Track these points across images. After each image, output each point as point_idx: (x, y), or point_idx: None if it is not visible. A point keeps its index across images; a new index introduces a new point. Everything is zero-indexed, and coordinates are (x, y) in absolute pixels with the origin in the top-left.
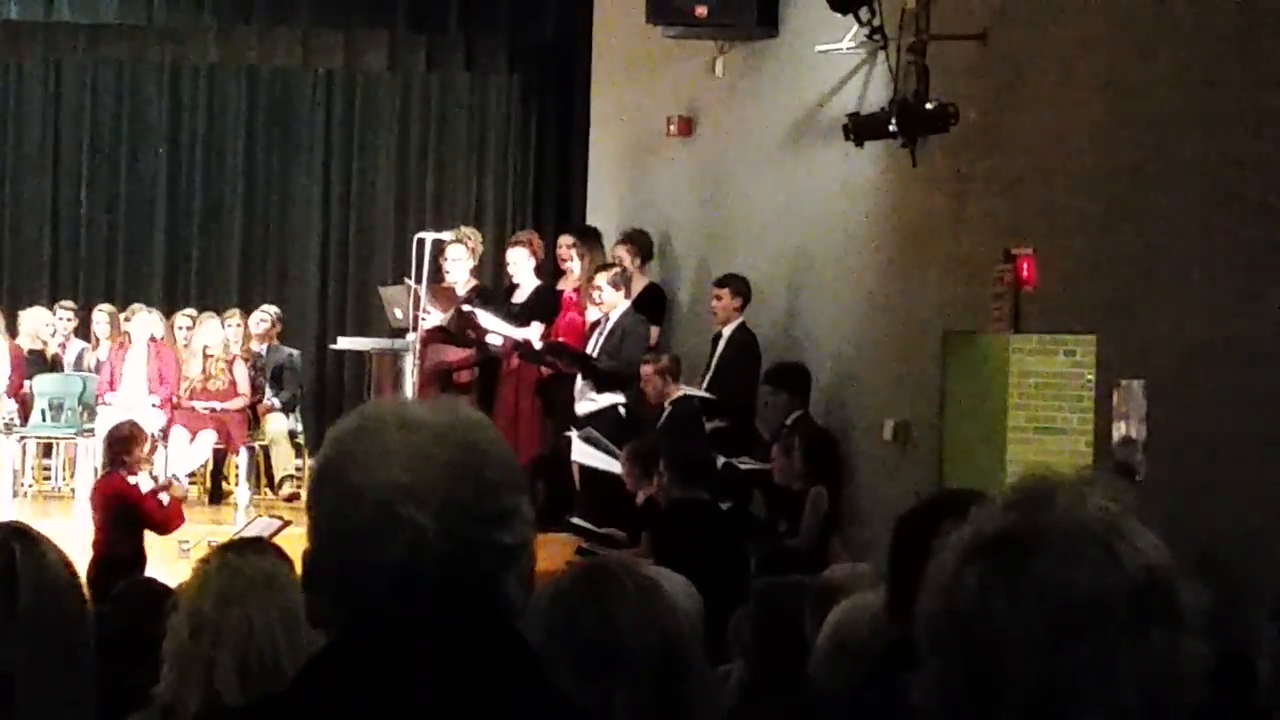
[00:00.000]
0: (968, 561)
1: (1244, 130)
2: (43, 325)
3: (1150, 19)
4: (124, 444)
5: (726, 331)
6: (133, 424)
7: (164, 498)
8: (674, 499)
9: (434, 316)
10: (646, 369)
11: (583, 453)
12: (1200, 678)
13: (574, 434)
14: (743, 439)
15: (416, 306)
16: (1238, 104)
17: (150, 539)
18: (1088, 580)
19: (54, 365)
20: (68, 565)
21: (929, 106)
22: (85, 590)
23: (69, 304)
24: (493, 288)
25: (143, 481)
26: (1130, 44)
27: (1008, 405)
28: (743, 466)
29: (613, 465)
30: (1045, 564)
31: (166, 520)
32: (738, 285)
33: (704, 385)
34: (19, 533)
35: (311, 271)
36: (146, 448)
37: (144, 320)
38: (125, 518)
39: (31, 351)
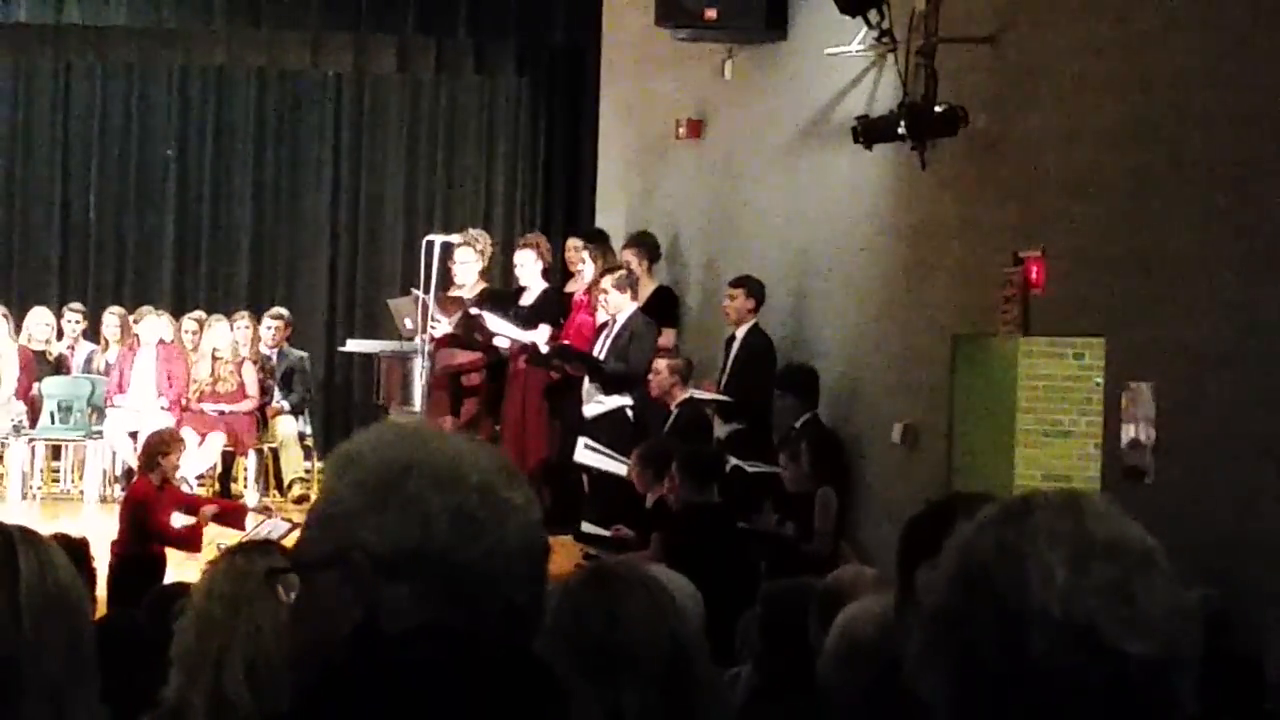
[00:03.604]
0: (977, 534)
1: (1253, 132)
2: (42, 325)
3: (1158, 20)
4: (161, 447)
5: (740, 333)
6: (173, 431)
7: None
8: (685, 502)
9: (443, 325)
10: (661, 364)
11: (586, 455)
12: (1200, 626)
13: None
14: (759, 441)
15: (425, 316)
16: (1246, 105)
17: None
18: (1094, 529)
19: (58, 366)
20: (67, 567)
21: (938, 109)
22: (99, 591)
23: (78, 306)
24: (502, 290)
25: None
26: (1138, 46)
27: (1016, 408)
28: (750, 469)
29: (616, 468)
30: (1052, 517)
31: (174, 539)
32: (752, 286)
33: (720, 387)
34: (21, 534)
35: (320, 274)
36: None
37: (153, 323)
38: (143, 521)
39: (34, 353)
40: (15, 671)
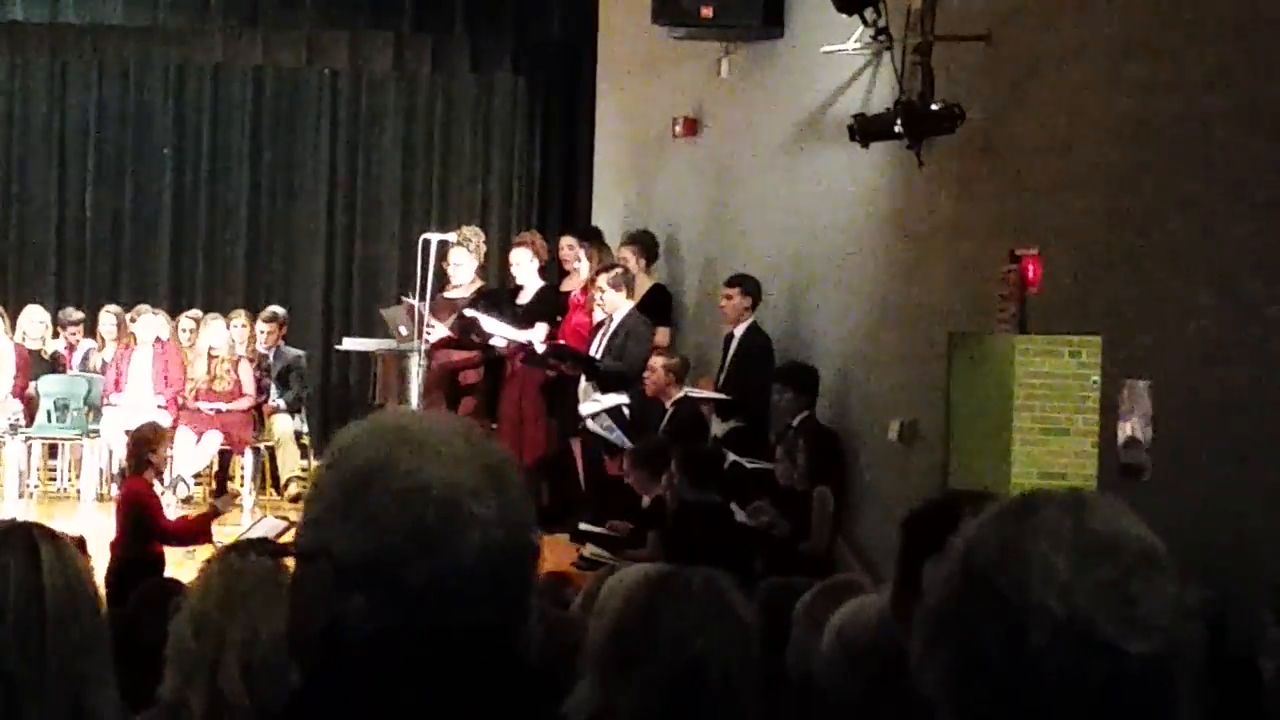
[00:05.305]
0: (980, 532)
1: (1250, 130)
2: (37, 324)
3: (1155, 19)
4: (146, 444)
5: (738, 332)
6: (153, 425)
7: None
8: (685, 500)
9: (439, 330)
10: (656, 362)
11: (590, 410)
12: (1201, 626)
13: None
14: (756, 440)
15: (420, 322)
16: (1243, 104)
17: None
18: (1097, 527)
19: (54, 365)
20: (81, 561)
21: (934, 107)
22: (101, 591)
23: (77, 317)
24: (498, 289)
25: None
26: (1135, 44)
27: (1013, 406)
28: (748, 465)
29: (618, 438)
30: (1055, 515)
31: (178, 534)
32: (748, 285)
33: (718, 386)
34: (40, 530)
35: (317, 272)
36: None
37: (150, 321)
38: (143, 521)
39: (30, 351)
40: (42, 663)
